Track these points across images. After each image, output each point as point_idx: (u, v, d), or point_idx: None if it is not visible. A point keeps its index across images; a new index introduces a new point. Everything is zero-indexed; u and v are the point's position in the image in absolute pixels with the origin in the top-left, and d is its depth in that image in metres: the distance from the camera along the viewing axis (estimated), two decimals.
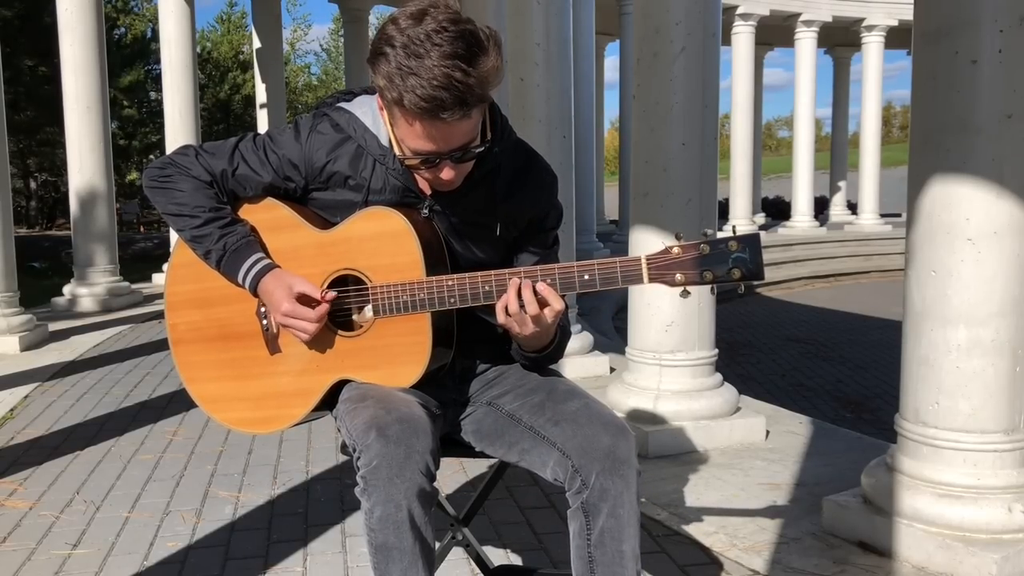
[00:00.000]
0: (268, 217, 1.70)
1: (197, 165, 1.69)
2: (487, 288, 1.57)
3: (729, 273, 1.46)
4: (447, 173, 1.55)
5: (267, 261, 1.66)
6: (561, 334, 1.72)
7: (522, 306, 1.54)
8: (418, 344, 1.62)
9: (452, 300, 1.58)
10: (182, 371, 1.78)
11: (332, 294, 1.63)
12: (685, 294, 1.51)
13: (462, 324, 1.70)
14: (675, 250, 1.49)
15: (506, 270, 1.57)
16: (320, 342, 1.67)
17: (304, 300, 1.62)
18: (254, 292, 1.66)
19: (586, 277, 1.53)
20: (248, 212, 1.71)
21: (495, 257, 1.74)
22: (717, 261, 1.47)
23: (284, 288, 1.62)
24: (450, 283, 1.57)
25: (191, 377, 1.77)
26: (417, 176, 1.65)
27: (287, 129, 1.71)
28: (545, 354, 1.72)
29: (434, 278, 1.58)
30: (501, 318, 1.57)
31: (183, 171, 1.69)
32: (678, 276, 1.49)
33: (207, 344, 1.74)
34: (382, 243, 1.62)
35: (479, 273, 1.58)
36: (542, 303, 1.54)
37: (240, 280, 1.66)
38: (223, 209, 1.68)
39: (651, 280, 1.50)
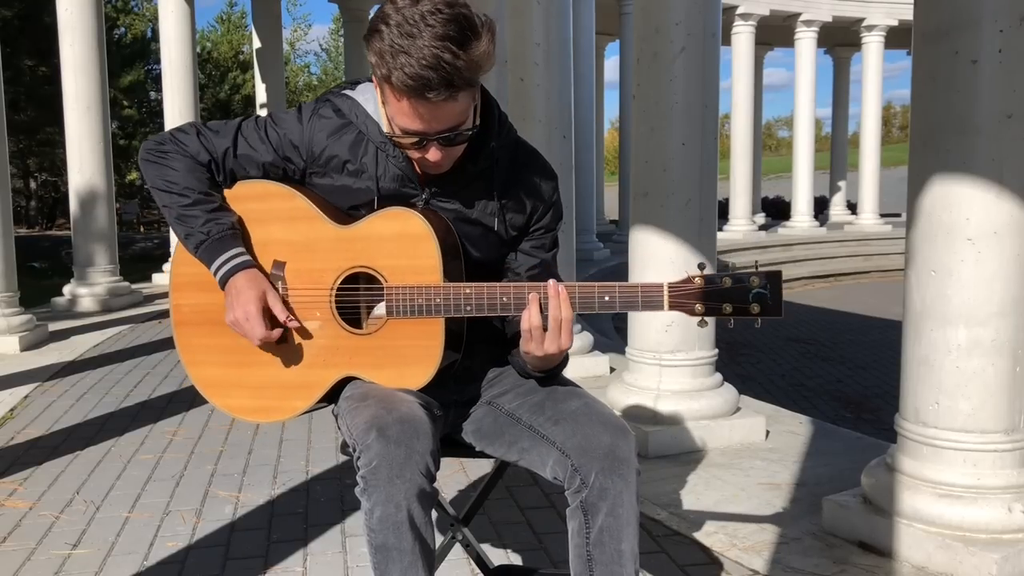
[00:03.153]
0: (285, 206, 1.68)
1: (196, 143, 1.68)
2: (505, 300, 1.57)
3: (748, 308, 1.49)
4: (434, 155, 1.55)
5: (247, 257, 1.65)
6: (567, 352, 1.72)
7: (544, 318, 1.54)
8: (430, 348, 1.62)
9: (468, 308, 1.58)
10: (183, 353, 1.76)
11: (295, 323, 1.63)
12: (703, 323, 1.53)
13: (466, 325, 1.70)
14: (697, 280, 1.51)
15: (525, 283, 1.59)
16: (329, 337, 1.66)
17: (268, 314, 1.62)
18: (223, 284, 1.64)
19: (606, 299, 1.54)
20: (264, 199, 1.69)
21: (493, 256, 1.74)
22: (737, 295, 1.49)
23: (256, 291, 1.62)
24: (467, 291, 1.57)
25: (192, 360, 1.76)
26: (415, 164, 1.65)
27: (290, 111, 1.71)
28: (551, 372, 1.71)
29: (451, 285, 1.58)
30: (526, 336, 1.57)
31: (181, 148, 1.68)
32: (698, 307, 1.51)
33: (211, 327, 1.72)
34: (402, 245, 1.61)
35: (497, 284, 1.58)
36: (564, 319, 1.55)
37: (214, 268, 1.64)
38: (213, 194, 1.68)
39: (671, 307, 1.52)
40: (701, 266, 1.53)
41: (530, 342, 1.57)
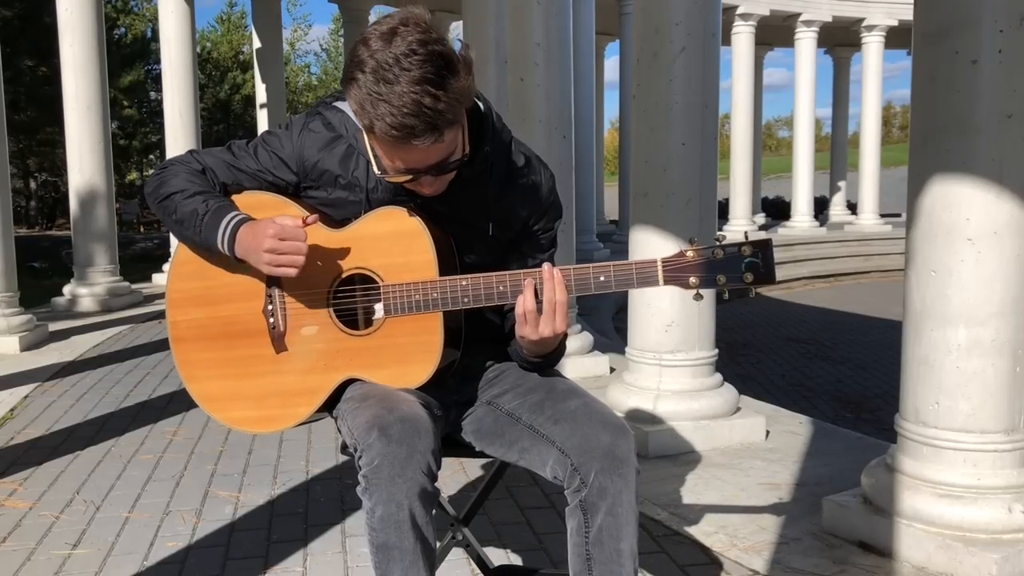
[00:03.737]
0: (277, 215, 1.69)
1: (194, 161, 1.72)
2: (501, 288, 1.57)
3: (742, 277, 1.50)
4: (427, 188, 1.57)
5: (245, 215, 1.63)
6: (562, 337, 1.72)
7: (539, 303, 1.54)
8: (429, 343, 1.62)
9: (466, 300, 1.58)
10: (182, 369, 1.77)
11: (314, 216, 1.60)
12: (698, 297, 1.54)
13: (464, 323, 1.70)
14: (689, 254, 1.52)
15: (521, 271, 1.59)
16: (328, 340, 1.66)
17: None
18: (232, 244, 1.60)
19: (602, 279, 1.55)
20: (257, 209, 1.69)
21: (489, 260, 1.73)
22: (730, 265, 1.50)
23: (265, 220, 1.58)
24: (463, 283, 1.58)
25: (191, 376, 1.76)
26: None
27: (281, 129, 1.72)
28: (548, 358, 1.72)
29: (447, 278, 1.59)
30: (520, 320, 1.57)
31: (179, 164, 1.72)
32: (692, 279, 1.52)
33: (209, 342, 1.74)
34: (395, 242, 1.62)
35: (493, 274, 1.58)
36: (558, 301, 1.54)
37: (219, 236, 1.61)
38: (215, 192, 1.69)
39: (666, 282, 1.53)
40: (692, 240, 1.54)
41: (525, 326, 1.57)
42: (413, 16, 1.44)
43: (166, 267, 1.86)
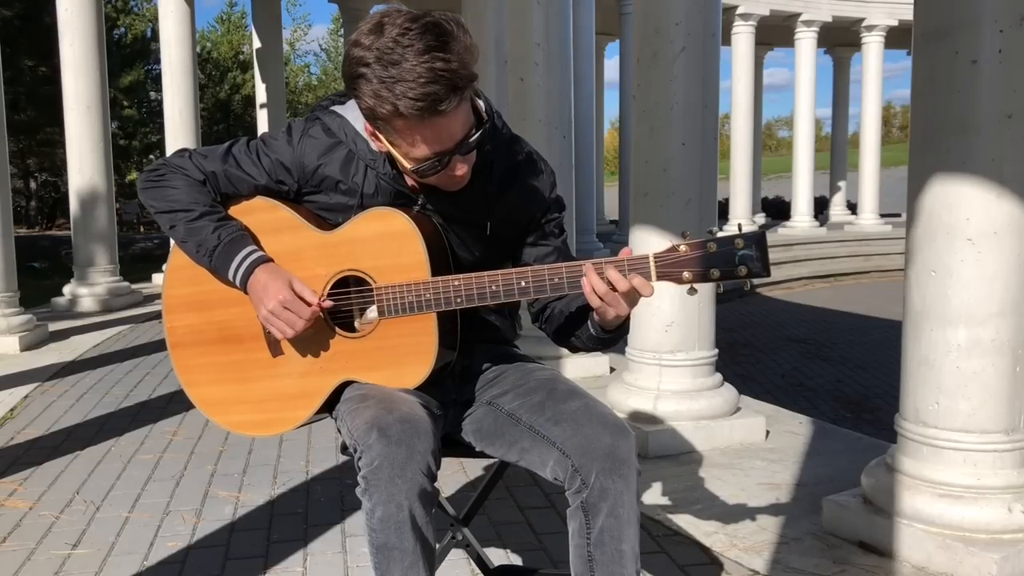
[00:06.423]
0: (268, 218, 1.69)
1: (191, 165, 1.70)
2: (494, 288, 1.57)
3: (736, 271, 1.47)
4: (460, 168, 1.55)
5: (262, 253, 1.65)
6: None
7: (611, 287, 1.51)
8: (424, 344, 1.62)
9: (459, 300, 1.58)
10: (181, 375, 1.77)
11: (329, 302, 1.63)
12: (692, 291, 1.52)
13: (463, 324, 1.70)
14: (682, 248, 1.49)
15: (512, 270, 1.58)
16: (324, 343, 1.66)
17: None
18: (245, 283, 1.63)
19: None
20: (248, 213, 1.70)
21: (490, 257, 1.73)
22: (724, 259, 1.48)
23: (282, 280, 1.61)
24: (456, 283, 1.57)
25: (191, 381, 1.77)
26: (408, 178, 1.64)
27: (280, 133, 1.71)
28: (624, 327, 1.67)
29: (439, 278, 1.58)
30: (594, 302, 1.54)
31: (177, 170, 1.69)
32: (685, 274, 1.49)
33: (207, 347, 1.73)
34: (387, 243, 1.61)
35: (485, 273, 1.58)
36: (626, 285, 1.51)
37: (232, 271, 1.63)
38: (217, 206, 1.69)
39: (659, 278, 1.51)
40: (685, 233, 1.51)
41: (608, 311, 1.53)
42: (392, 7, 1.47)
43: (166, 267, 1.86)
